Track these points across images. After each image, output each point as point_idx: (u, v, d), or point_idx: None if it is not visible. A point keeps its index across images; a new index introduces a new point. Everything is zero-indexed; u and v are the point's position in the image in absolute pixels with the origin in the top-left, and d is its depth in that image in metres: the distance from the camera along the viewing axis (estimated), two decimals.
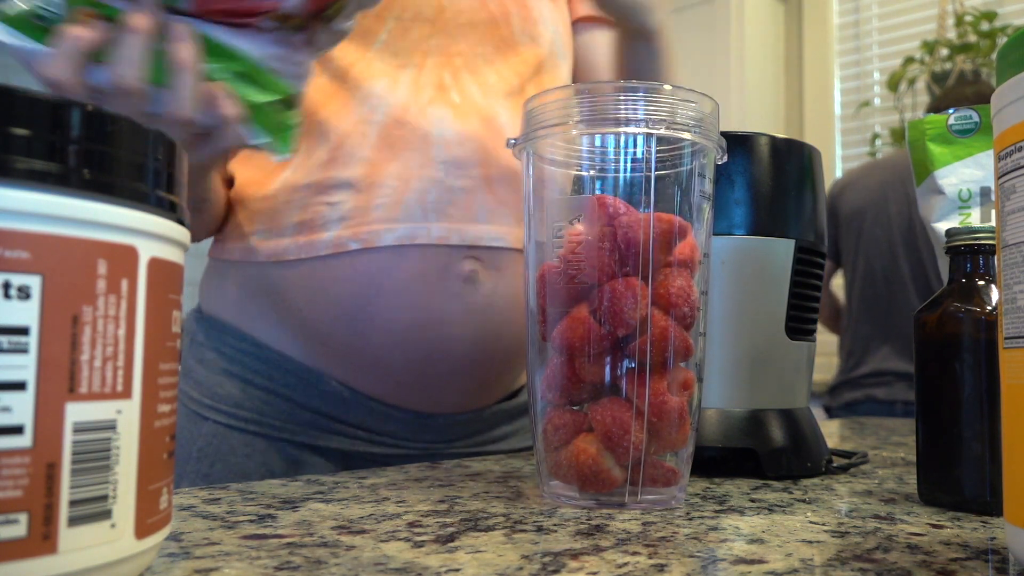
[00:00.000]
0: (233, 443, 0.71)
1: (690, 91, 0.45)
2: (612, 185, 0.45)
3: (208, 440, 0.71)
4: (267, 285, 0.72)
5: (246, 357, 0.73)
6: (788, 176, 0.58)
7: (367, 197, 0.68)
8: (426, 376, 0.70)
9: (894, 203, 1.81)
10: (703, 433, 0.55)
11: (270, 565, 0.31)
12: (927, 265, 1.75)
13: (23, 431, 0.23)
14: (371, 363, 0.70)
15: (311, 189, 0.69)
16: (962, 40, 2.36)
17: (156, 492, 0.28)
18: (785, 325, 0.58)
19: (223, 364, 0.73)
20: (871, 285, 1.83)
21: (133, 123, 0.27)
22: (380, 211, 0.67)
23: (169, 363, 0.29)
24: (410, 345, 0.68)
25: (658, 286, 0.43)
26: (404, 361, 0.69)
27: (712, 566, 0.32)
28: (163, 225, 0.28)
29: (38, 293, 0.24)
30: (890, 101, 2.56)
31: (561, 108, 0.45)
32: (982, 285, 0.46)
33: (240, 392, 0.72)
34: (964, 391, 0.45)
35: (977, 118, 0.55)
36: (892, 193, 1.82)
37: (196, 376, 0.73)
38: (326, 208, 0.69)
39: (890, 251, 1.80)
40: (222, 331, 0.74)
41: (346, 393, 0.72)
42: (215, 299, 0.76)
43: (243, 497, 0.45)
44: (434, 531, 0.37)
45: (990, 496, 0.43)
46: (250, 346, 0.73)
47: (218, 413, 0.72)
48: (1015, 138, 0.31)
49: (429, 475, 0.54)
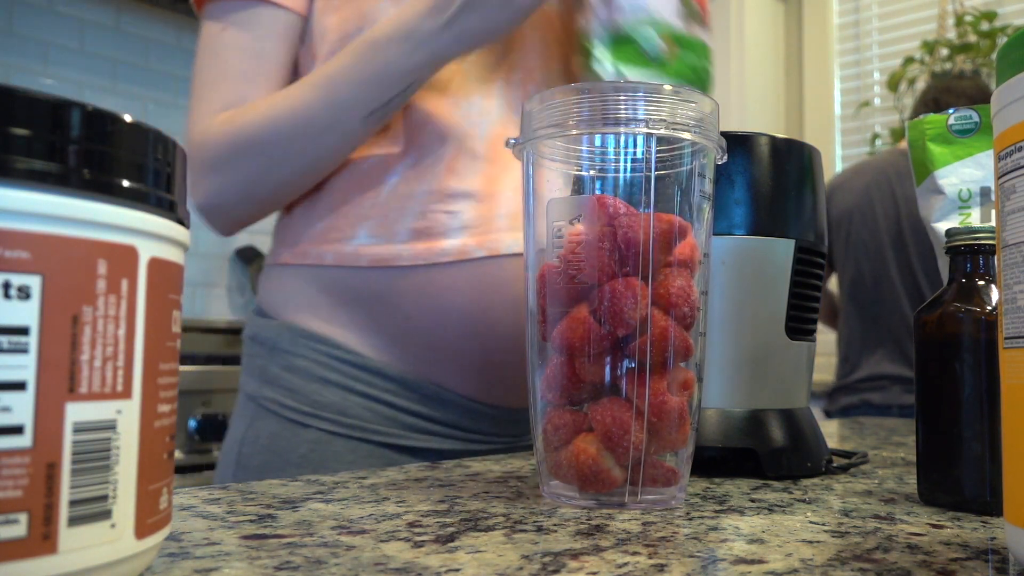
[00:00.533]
0: (337, 449, 0.73)
1: (690, 91, 0.45)
2: (612, 185, 0.45)
3: (311, 447, 0.73)
4: (366, 291, 0.73)
5: (342, 364, 0.74)
6: (788, 176, 0.58)
7: (488, 207, 0.71)
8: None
9: (880, 204, 1.81)
10: (703, 433, 0.55)
11: (270, 565, 0.31)
12: (916, 267, 1.75)
13: (23, 431, 0.23)
14: (480, 367, 0.73)
15: (429, 197, 0.71)
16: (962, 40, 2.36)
17: (156, 492, 0.28)
18: (785, 325, 0.58)
19: (319, 372, 0.74)
20: (861, 289, 1.82)
21: (133, 123, 0.27)
22: (503, 220, 0.71)
23: (169, 363, 0.29)
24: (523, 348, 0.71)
25: (658, 286, 0.43)
26: (518, 363, 0.70)
27: (712, 566, 0.32)
28: (163, 225, 0.28)
29: (38, 293, 0.24)
30: (890, 101, 2.56)
31: (561, 108, 0.45)
32: (982, 285, 0.46)
33: (341, 400, 0.74)
34: (964, 391, 0.45)
35: (977, 118, 0.55)
36: (877, 195, 1.81)
37: (287, 384, 0.75)
38: (445, 216, 0.71)
39: (878, 254, 1.79)
40: (310, 339, 0.75)
41: (445, 395, 0.75)
42: (296, 306, 0.77)
43: (243, 497, 0.45)
44: (434, 531, 0.37)
45: (990, 496, 0.43)
46: (344, 353, 0.74)
47: (320, 420, 0.74)
48: (1015, 138, 0.31)
49: (429, 475, 0.54)
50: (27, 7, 2.20)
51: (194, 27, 2.52)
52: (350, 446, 0.73)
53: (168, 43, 2.48)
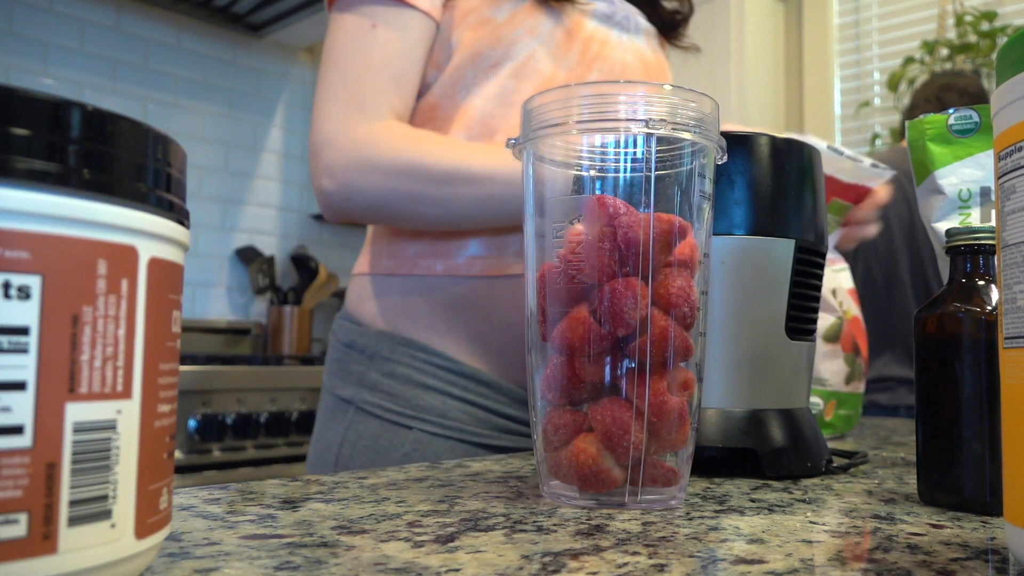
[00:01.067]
0: (438, 449, 0.79)
1: (690, 91, 0.45)
2: (612, 185, 0.45)
3: (414, 446, 0.79)
4: (470, 299, 0.79)
5: (441, 371, 0.80)
6: (788, 176, 0.58)
7: None
8: None
9: (892, 206, 1.80)
10: (703, 433, 0.55)
11: (270, 565, 0.31)
12: (928, 269, 1.74)
13: (23, 431, 0.23)
14: None
15: None
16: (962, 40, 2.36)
17: (156, 492, 0.28)
18: (785, 325, 0.58)
19: (419, 378, 0.80)
20: (870, 291, 1.82)
21: (133, 123, 0.27)
22: None
23: (169, 363, 0.29)
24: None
25: (658, 286, 0.43)
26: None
27: (712, 566, 0.32)
28: (163, 225, 0.28)
29: (38, 293, 0.24)
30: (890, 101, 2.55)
31: (561, 108, 0.45)
32: (982, 285, 0.46)
33: (441, 404, 0.80)
34: (964, 391, 0.45)
35: (977, 118, 0.55)
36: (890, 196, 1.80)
37: (388, 389, 0.81)
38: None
39: (890, 255, 1.79)
40: (409, 346, 0.81)
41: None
42: (395, 315, 0.82)
43: (243, 497, 0.45)
44: (434, 531, 0.37)
45: (990, 496, 0.43)
46: (443, 360, 0.81)
47: (422, 423, 0.79)
48: (1015, 138, 0.31)
49: (429, 475, 0.54)
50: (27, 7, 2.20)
51: (194, 27, 2.52)
52: (449, 445, 0.79)
53: (168, 43, 2.48)
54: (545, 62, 0.81)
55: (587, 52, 0.83)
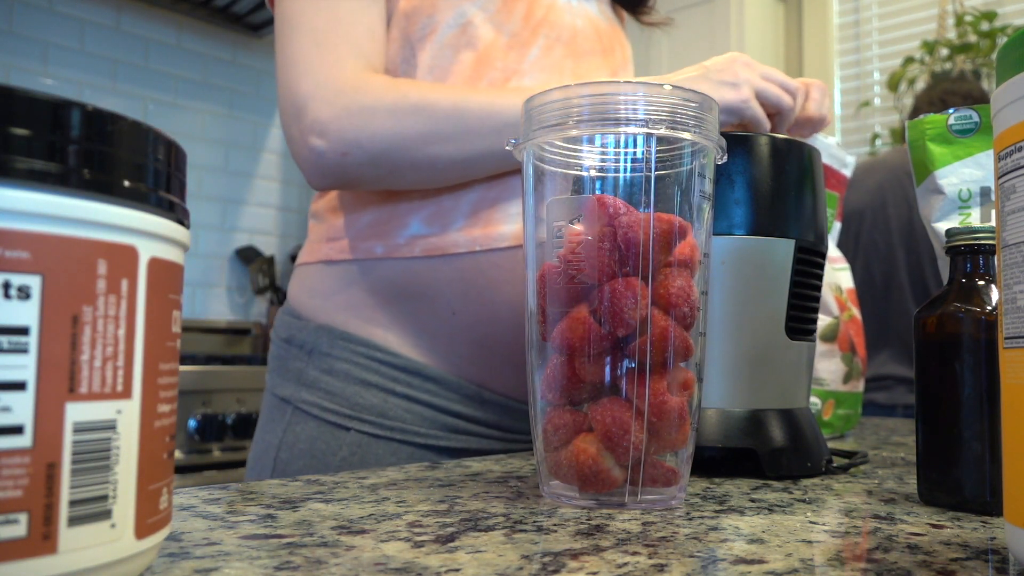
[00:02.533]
0: (378, 452, 0.73)
1: (690, 91, 0.45)
2: (612, 185, 0.45)
3: (352, 449, 0.73)
4: (413, 286, 0.73)
5: (383, 367, 0.74)
6: (788, 176, 0.58)
7: None
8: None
9: (892, 205, 1.80)
10: (703, 433, 0.55)
11: (270, 565, 0.31)
12: (926, 269, 1.74)
13: (23, 431, 0.23)
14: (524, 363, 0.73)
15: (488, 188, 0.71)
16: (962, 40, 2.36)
17: (156, 492, 0.28)
18: (785, 325, 0.58)
19: (359, 374, 0.74)
20: (869, 289, 1.82)
21: (133, 123, 0.27)
22: None
23: (169, 363, 0.29)
24: None
25: (658, 286, 0.43)
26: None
27: (712, 566, 0.32)
28: (163, 225, 0.28)
29: (38, 293, 0.24)
30: (890, 101, 2.56)
31: (561, 108, 0.45)
32: (982, 285, 0.46)
33: (381, 402, 0.74)
34: (964, 391, 0.45)
35: (977, 118, 0.55)
36: (890, 196, 1.80)
37: (327, 387, 0.74)
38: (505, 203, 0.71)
39: (888, 255, 1.79)
40: (349, 341, 0.75)
41: (485, 394, 0.74)
42: (334, 307, 0.76)
43: (243, 497, 0.45)
44: (434, 531, 0.37)
45: (990, 496, 0.43)
46: (385, 354, 0.74)
47: (361, 423, 0.73)
48: (1015, 138, 0.31)
49: (429, 475, 0.54)
50: (27, 7, 2.20)
51: (194, 27, 2.52)
52: (391, 448, 0.73)
53: (168, 43, 2.48)
54: (485, 28, 0.75)
55: (531, 16, 0.77)
